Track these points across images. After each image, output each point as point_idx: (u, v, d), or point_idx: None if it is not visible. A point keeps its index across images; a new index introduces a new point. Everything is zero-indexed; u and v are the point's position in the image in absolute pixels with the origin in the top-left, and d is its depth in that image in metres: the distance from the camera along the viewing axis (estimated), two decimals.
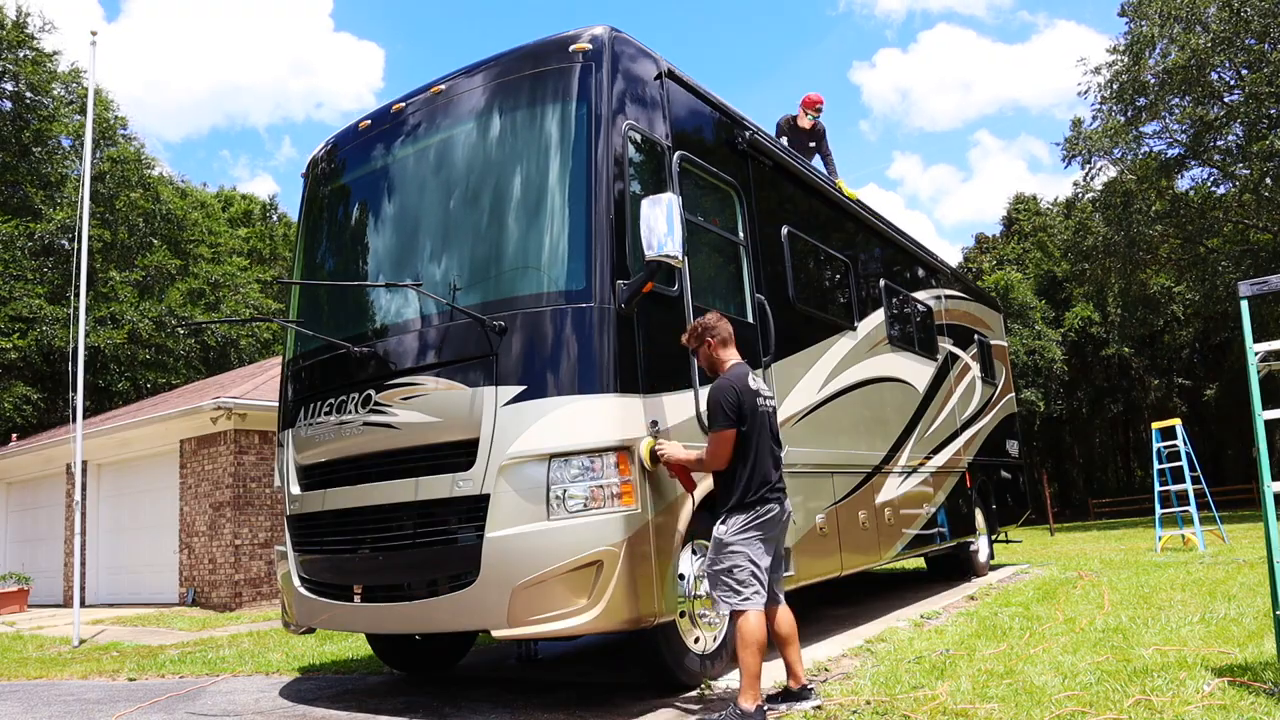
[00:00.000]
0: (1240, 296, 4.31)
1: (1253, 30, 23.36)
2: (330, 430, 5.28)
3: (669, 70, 5.66)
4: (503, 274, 5.03)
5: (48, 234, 24.76)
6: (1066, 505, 42.94)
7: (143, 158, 29.44)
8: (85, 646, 9.29)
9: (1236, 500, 29.44)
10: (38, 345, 22.78)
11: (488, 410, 4.58)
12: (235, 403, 12.93)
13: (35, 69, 25.62)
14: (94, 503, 15.15)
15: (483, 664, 6.92)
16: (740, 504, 4.37)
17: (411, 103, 5.76)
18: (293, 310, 6.29)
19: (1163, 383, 40.23)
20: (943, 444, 9.66)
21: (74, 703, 6.00)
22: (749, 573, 4.26)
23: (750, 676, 4.15)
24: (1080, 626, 6.34)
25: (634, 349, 4.73)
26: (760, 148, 6.65)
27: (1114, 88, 26.61)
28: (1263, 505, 4.02)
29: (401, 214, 5.66)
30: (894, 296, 9.03)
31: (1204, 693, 4.08)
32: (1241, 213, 26.86)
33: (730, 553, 4.30)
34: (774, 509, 4.41)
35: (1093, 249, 29.41)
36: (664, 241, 4.47)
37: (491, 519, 4.46)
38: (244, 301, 30.38)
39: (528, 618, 4.34)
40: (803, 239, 7.16)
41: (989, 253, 46.48)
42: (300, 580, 5.52)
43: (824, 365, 7.07)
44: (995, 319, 13.24)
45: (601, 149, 4.91)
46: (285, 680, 6.48)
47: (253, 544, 13.13)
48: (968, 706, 4.15)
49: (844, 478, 7.08)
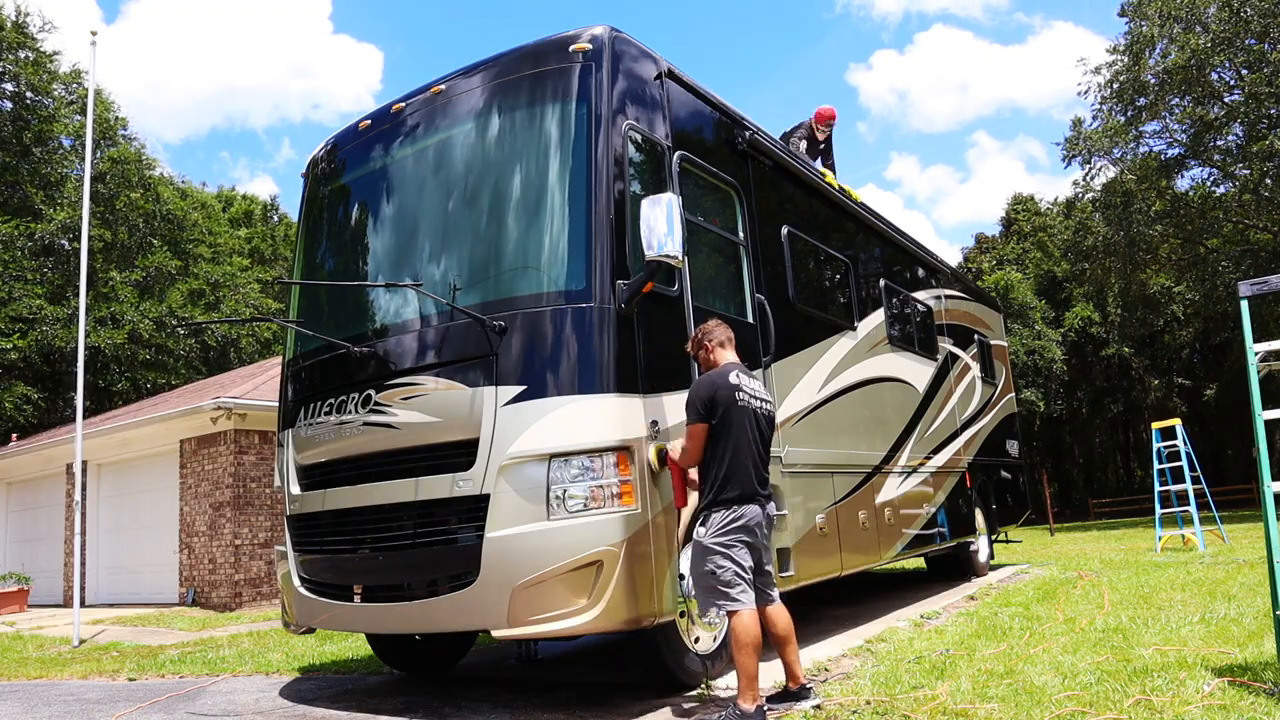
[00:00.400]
0: (1240, 296, 4.31)
1: (1253, 30, 23.36)
2: (330, 430, 5.28)
3: (669, 70, 5.66)
4: (503, 274, 5.03)
5: (48, 234, 24.75)
6: (1066, 505, 42.94)
7: (143, 158, 29.45)
8: (85, 646, 9.29)
9: (1236, 500, 29.43)
10: (38, 345, 22.78)
11: (488, 410, 4.58)
12: (235, 403, 12.93)
13: (35, 69, 25.61)
14: (94, 503, 15.15)
15: (483, 664, 6.92)
16: (715, 502, 4.33)
17: (411, 103, 5.76)
18: (293, 310, 6.29)
19: (1163, 383, 40.20)
20: (943, 444, 9.66)
21: (74, 703, 6.00)
22: (733, 573, 4.23)
23: (747, 677, 4.14)
24: (1080, 626, 6.34)
25: (634, 349, 4.73)
26: (760, 148, 6.65)
27: (1114, 88, 26.61)
28: (1263, 505, 4.02)
29: (401, 214, 5.66)
30: (894, 296, 9.03)
31: (1204, 693, 4.08)
32: (1241, 213, 26.84)
33: (711, 556, 4.26)
34: (753, 511, 4.35)
35: (1093, 249, 29.41)
36: (664, 241, 4.47)
37: (491, 519, 4.46)
38: (244, 301, 30.39)
39: (528, 618, 4.34)
40: (803, 239, 7.16)
41: (989, 253, 46.47)
42: (300, 580, 5.52)
43: (824, 365, 7.07)
44: (995, 319, 13.24)
45: (601, 149, 4.91)
46: (285, 680, 6.48)
47: (253, 544, 13.13)
48: (968, 706, 4.15)
49: (844, 478, 7.08)
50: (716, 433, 4.37)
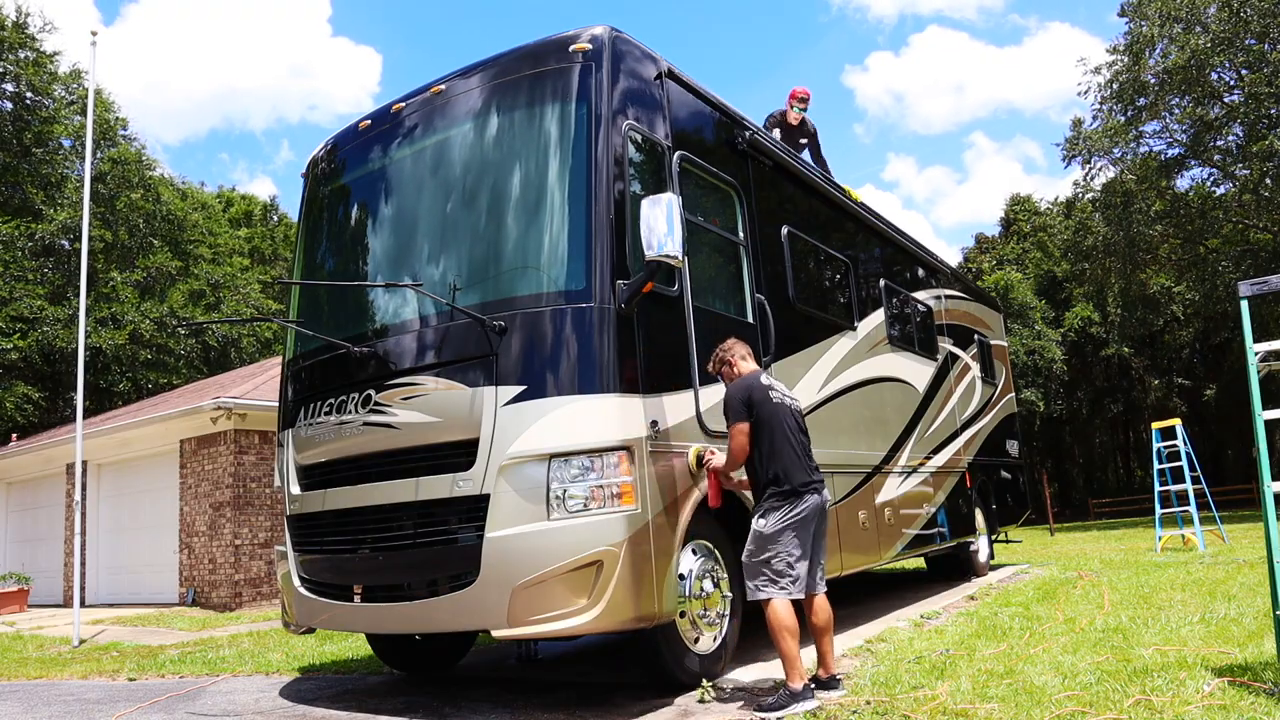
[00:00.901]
0: (1240, 296, 4.31)
1: (1253, 30, 23.35)
2: (330, 430, 5.28)
3: (669, 70, 5.66)
4: (503, 274, 5.03)
5: (48, 234, 24.76)
6: (1066, 505, 42.93)
7: (144, 159, 29.46)
8: (85, 646, 9.29)
9: (1236, 500, 29.42)
10: (39, 345, 22.78)
11: (488, 410, 4.58)
12: (235, 403, 12.93)
13: (36, 70, 25.61)
14: (94, 503, 15.15)
15: (483, 664, 6.91)
16: (774, 495, 4.56)
17: (411, 103, 5.76)
18: (293, 310, 6.29)
19: (1163, 383, 40.20)
20: (943, 444, 9.66)
21: (74, 703, 6.00)
22: (786, 564, 4.46)
23: (790, 659, 4.37)
24: (1080, 626, 6.34)
25: (634, 349, 4.74)
26: (760, 148, 6.65)
27: (1114, 88, 26.60)
28: (1263, 505, 4.02)
29: (401, 214, 5.65)
30: (894, 296, 9.03)
31: (1204, 693, 4.08)
32: (1241, 213, 26.84)
33: (770, 545, 4.49)
34: (811, 501, 4.60)
35: (1093, 249, 29.40)
36: (664, 241, 4.48)
37: (491, 519, 4.46)
38: (245, 301, 30.39)
39: (528, 618, 4.34)
40: (803, 239, 7.16)
41: (989, 253, 46.47)
42: (300, 580, 5.52)
43: (824, 365, 7.07)
44: (995, 319, 13.24)
45: (601, 149, 4.91)
46: (285, 680, 6.48)
47: (253, 544, 13.13)
48: (968, 706, 4.15)
49: (844, 478, 7.08)
50: (759, 431, 4.63)
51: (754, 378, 4.76)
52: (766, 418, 4.63)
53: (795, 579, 4.47)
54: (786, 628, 4.36)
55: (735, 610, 5.34)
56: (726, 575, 5.28)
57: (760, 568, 4.50)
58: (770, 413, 4.64)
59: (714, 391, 5.14)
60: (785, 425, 4.67)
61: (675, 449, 4.89)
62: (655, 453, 4.72)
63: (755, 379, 4.75)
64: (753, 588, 4.53)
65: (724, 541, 5.33)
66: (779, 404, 4.71)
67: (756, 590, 4.51)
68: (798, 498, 4.57)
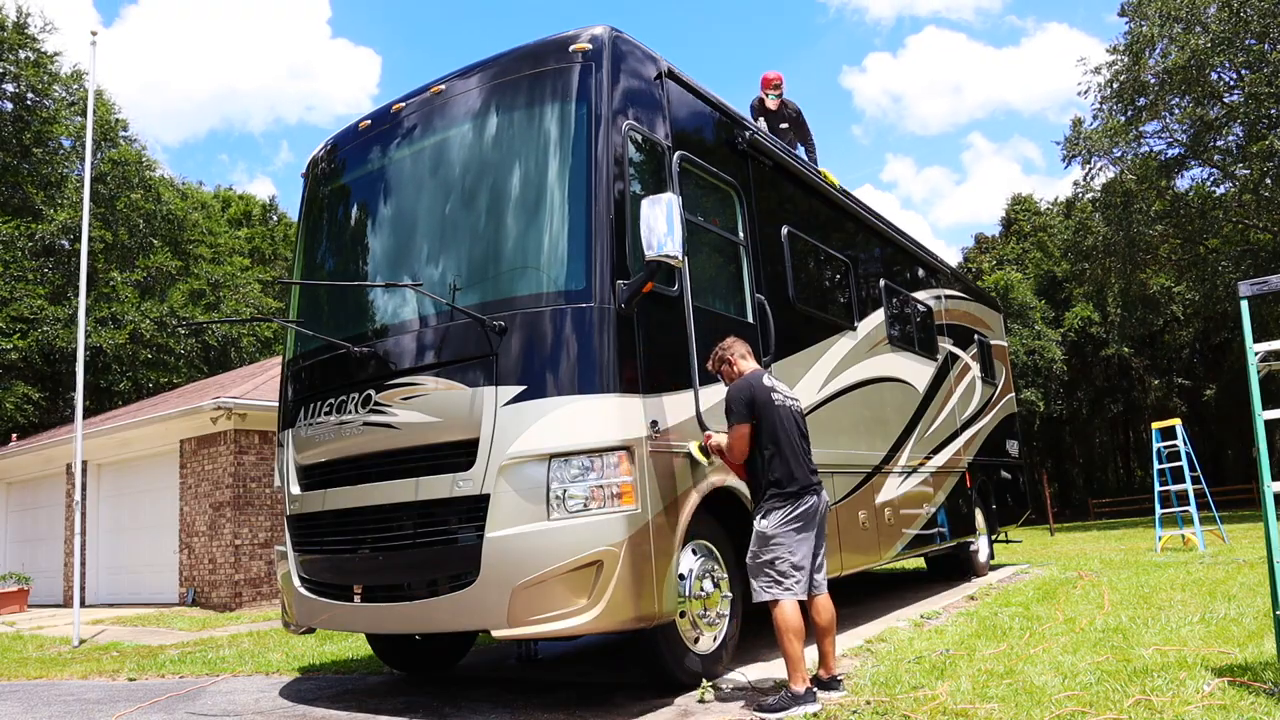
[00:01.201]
0: (1240, 296, 4.31)
1: (1253, 30, 23.35)
2: (330, 430, 5.28)
3: (669, 70, 5.66)
4: (502, 274, 5.03)
5: (48, 235, 24.76)
6: (1066, 505, 42.93)
7: (144, 159, 29.45)
8: (85, 646, 9.29)
9: (1236, 500, 29.42)
10: (39, 345, 22.78)
11: (488, 410, 4.58)
12: (235, 403, 12.93)
13: (36, 70, 25.60)
14: (94, 503, 15.15)
15: (483, 664, 6.91)
16: (775, 496, 4.57)
17: (411, 103, 5.76)
18: (293, 310, 6.29)
19: (1163, 383, 40.20)
20: (943, 444, 9.66)
21: (74, 703, 6.00)
22: (789, 564, 4.48)
23: (794, 661, 4.37)
24: (1080, 626, 6.34)
25: (634, 349, 4.74)
26: (760, 148, 6.65)
27: (1114, 87, 26.60)
28: (1263, 505, 4.01)
29: (401, 214, 5.65)
30: (894, 296, 9.03)
31: (1204, 693, 4.08)
32: (1241, 213, 26.84)
33: (773, 545, 4.51)
34: (812, 501, 4.62)
35: (1093, 249, 29.40)
36: (664, 241, 4.48)
37: (491, 519, 4.46)
38: (245, 301, 30.40)
39: (528, 618, 4.34)
40: (803, 239, 7.16)
41: (988, 253, 46.47)
42: (300, 580, 5.52)
43: (824, 365, 7.06)
44: (995, 319, 13.24)
45: (601, 149, 4.91)
46: (285, 680, 6.48)
47: (253, 544, 13.13)
48: (968, 706, 4.15)
49: (844, 478, 7.08)
50: (761, 432, 4.64)
51: (755, 377, 4.76)
52: (769, 420, 4.64)
53: (798, 579, 4.48)
54: (793, 629, 4.37)
55: (735, 610, 5.34)
56: (726, 575, 5.28)
57: (764, 568, 4.52)
58: (772, 415, 4.65)
59: (714, 391, 5.14)
60: (787, 427, 4.67)
61: (675, 449, 4.89)
62: (655, 453, 4.71)
63: (757, 379, 4.74)
64: (757, 589, 4.55)
65: (724, 541, 5.33)
66: (781, 405, 4.71)
67: (761, 592, 4.52)
68: (798, 498, 4.58)
